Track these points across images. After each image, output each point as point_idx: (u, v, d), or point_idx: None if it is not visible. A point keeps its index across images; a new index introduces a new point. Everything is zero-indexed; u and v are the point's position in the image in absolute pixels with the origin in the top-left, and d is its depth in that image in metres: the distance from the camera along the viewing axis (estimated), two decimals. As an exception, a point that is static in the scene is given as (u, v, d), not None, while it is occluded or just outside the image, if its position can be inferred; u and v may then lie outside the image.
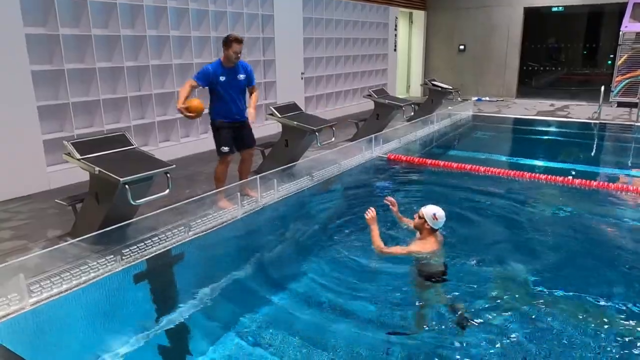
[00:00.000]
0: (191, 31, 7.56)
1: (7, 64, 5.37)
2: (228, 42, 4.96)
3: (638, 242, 4.48)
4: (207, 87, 5.09)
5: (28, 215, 5.06)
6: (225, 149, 5.16)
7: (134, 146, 4.49)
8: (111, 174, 3.84)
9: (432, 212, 3.76)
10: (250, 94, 5.28)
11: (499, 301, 3.44)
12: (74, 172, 5.32)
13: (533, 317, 3.26)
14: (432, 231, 3.82)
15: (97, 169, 3.91)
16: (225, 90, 5.06)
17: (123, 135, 4.55)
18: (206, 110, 5.04)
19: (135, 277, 3.87)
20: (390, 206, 4.39)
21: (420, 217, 3.81)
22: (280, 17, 9.26)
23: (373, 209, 4.03)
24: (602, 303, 3.41)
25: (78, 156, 4.04)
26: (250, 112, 5.18)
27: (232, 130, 5.20)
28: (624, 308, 3.34)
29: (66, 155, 4.16)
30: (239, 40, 4.99)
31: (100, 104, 6.41)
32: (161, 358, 3.06)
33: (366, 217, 4.00)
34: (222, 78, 5.02)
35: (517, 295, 3.52)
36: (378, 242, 3.88)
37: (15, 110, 5.48)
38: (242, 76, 5.17)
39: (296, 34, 9.92)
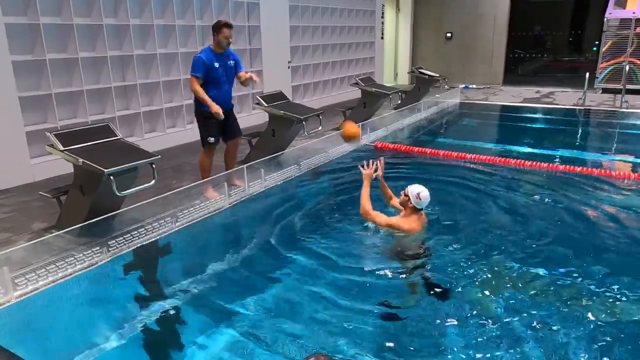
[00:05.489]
0: (175, 20, 7.46)
1: (-13, 54, 5.27)
2: (218, 27, 4.92)
3: (620, 225, 4.55)
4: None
5: (12, 208, 5.00)
6: (212, 139, 5.13)
7: (119, 137, 4.44)
8: (95, 165, 3.80)
9: (417, 191, 3.77)
10: (240, 77, 5.27)
11: (482, 285, 3.49)
12: (59, 164, 5.26)
13: (516, 299, 3.32)
14: (415, 210, 3.83)
15: (81, 160, 3.87)
16: (221, 77, 5.03)
17: (107, 126, 4.50)
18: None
19: (122, 269, 3.85)
20: (379, 167, 4.26)
21: (405, 195, 3.84)
22: (265, 5, 9.17)
23: (373, 162, 3.96)
24: (585, 285, 3.48)
25: (61, 147, 3.99)
26: (248, 75, 5.22)
27: (220, 121, 5.16)
28: (609, 290, 3.40)
29: (49, 146, 4.11)
30: (229, 25, 4.95)
31: (84, 94, 6.32)
32: (148, 350, 3.05)
33: (362, 171, 3.95)
34: (217, 64, 4.98)
35: (499, 279, 3.57)
36: (366, 202, 3.85)
37: (-4, 102, 5.39)
38: (232, 62, 5.14)
39: (282, 22, 9.84)
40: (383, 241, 4.01)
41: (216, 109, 4.91)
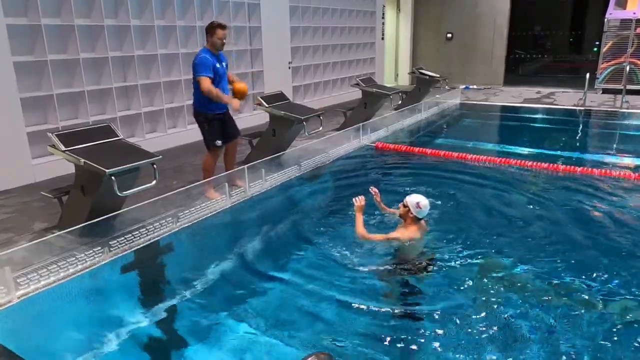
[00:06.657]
0: (176, 20, 7.47)
1: (-12, 55, 5.28)
2: (212, 28, 4.92)
3: (620, 225, 4.55)
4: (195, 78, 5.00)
5: (13, 208, 5.00)
6: (219, 142, 5.13)
7: (120, 137, 4.45)
8: (97, 166, 3.81)
9: (416, 200, 3.80)
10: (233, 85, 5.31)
11: (482, 287, 3.49)
12: (60, 165, 5.26)
13: (518, 303, 3.32)
14: (416, 220, 3.85)
15: (82, 160, 3.87)
16: (221, 78, 5.03)
17: (108, 126, 4.50)
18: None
19: (123, 269, 3.86)
20: (374, 196, 4.41)
21: (404, 206, 3.85)
22: (266, 6, 9.18)
23: (362, 197, 4.02)
24: (588, 287, 3.48)
25: (63, 148, 4.00)
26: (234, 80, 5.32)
27: (222, 122, 5.17)
28: (609, 291, 3.41)
29: (51, 147, 4.12)
30: (223, 26, 4.95)
31: (85, 95, 6.33)
32: (150, 350, 3.06)
33: (355, 203, 4.00)
34: (217, 66, 4.98)
35: (500, 282, 3.57)
36: (361, 228, 3.90)
37: (-3, 103, 5.39)
38: (224, 64, 5.16)
39: (283, 22, 9.85)
40: (383, 244, 4.01)
41: (233, 102, 5.03)
